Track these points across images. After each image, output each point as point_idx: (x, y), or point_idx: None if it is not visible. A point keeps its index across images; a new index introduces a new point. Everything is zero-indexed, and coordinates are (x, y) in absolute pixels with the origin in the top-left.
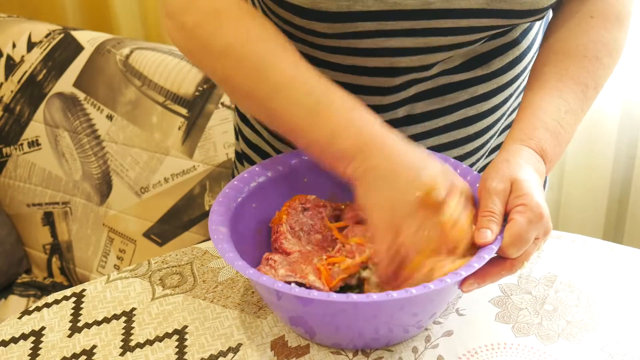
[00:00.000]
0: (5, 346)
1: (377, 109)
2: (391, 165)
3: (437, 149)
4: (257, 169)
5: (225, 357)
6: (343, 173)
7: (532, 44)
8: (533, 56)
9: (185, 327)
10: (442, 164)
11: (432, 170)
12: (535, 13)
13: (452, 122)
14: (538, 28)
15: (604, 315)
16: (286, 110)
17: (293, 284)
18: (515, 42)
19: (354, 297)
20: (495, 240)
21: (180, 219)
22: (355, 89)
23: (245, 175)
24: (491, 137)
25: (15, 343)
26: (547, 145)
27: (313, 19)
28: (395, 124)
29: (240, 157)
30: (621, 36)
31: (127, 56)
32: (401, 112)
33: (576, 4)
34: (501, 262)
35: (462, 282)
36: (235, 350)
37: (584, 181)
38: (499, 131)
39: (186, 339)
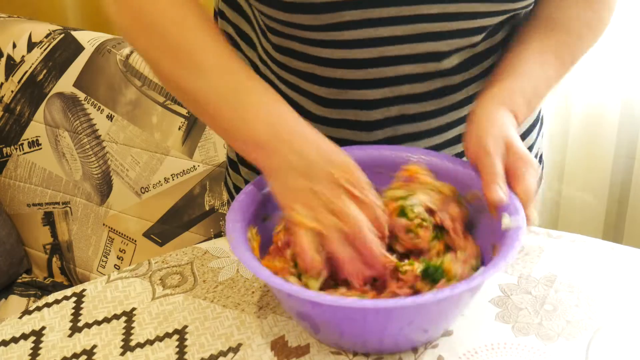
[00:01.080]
0: (5, 346)
1: (369, 105)
2: (301, 159)
3: (430, 149)
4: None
5: (225, 357)
6: (255, 160)
7: None
8: None
9: (186, 327)
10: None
11: (343, 157)
12: None
13: (446, 123)
14: None
15: (604, 315)
16: (207, 93)
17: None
18: (505, 41)
19: (399, 300)
20: (519, 218)
21: (180, 219)
22: (345, 84)
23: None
24: None
25: (16, 343)
26: (520, 111)
27: (298, 12)
28: (387, 123)
29: (236, 164)
30: (606, 14)
31: (128, 56)
32: (394, 111)
33: None
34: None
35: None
36: (235, 350)
37: (584, 181)
38: None
39: (186, 339)
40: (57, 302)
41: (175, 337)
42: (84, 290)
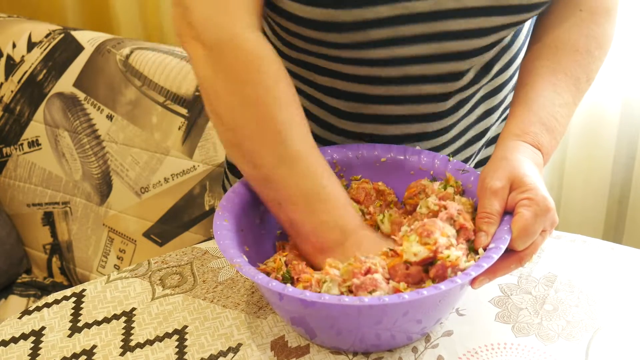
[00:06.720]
0: (5, 346)
1: (388, 120)
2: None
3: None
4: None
5: (225, 357)
6: (315, 259)
7: (522, 45)
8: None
9: (185, 327)
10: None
11: None
12: (541, 5)
13: (459, 132)
14: (528, 29)
15: (604, 315)
16: (284, 186)
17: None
18: (509, 45)
19: (365, 299)
20: (502, 238)
21: (180, 219)
22: (366, 99)
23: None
24: (485, 143)
25: (15, 343)
26: (543, 139)
27: (328, 30)
28: (407, 139)
29: (235, 168)
30: (610, 27)
31: (127, 56)
32: (414, 129)
33: None
34: (510, 256)
35: (473, 280)
36: (235, 350)
37: (584, 181)
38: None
39: (186, 339)
40: (56, 302)
41: (175, 337)
42: (83, 290)
